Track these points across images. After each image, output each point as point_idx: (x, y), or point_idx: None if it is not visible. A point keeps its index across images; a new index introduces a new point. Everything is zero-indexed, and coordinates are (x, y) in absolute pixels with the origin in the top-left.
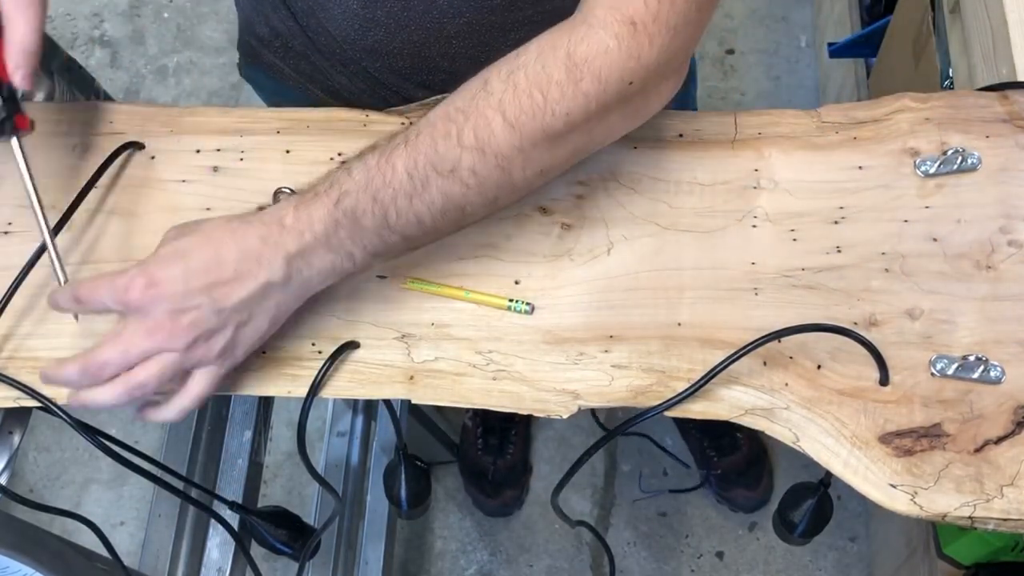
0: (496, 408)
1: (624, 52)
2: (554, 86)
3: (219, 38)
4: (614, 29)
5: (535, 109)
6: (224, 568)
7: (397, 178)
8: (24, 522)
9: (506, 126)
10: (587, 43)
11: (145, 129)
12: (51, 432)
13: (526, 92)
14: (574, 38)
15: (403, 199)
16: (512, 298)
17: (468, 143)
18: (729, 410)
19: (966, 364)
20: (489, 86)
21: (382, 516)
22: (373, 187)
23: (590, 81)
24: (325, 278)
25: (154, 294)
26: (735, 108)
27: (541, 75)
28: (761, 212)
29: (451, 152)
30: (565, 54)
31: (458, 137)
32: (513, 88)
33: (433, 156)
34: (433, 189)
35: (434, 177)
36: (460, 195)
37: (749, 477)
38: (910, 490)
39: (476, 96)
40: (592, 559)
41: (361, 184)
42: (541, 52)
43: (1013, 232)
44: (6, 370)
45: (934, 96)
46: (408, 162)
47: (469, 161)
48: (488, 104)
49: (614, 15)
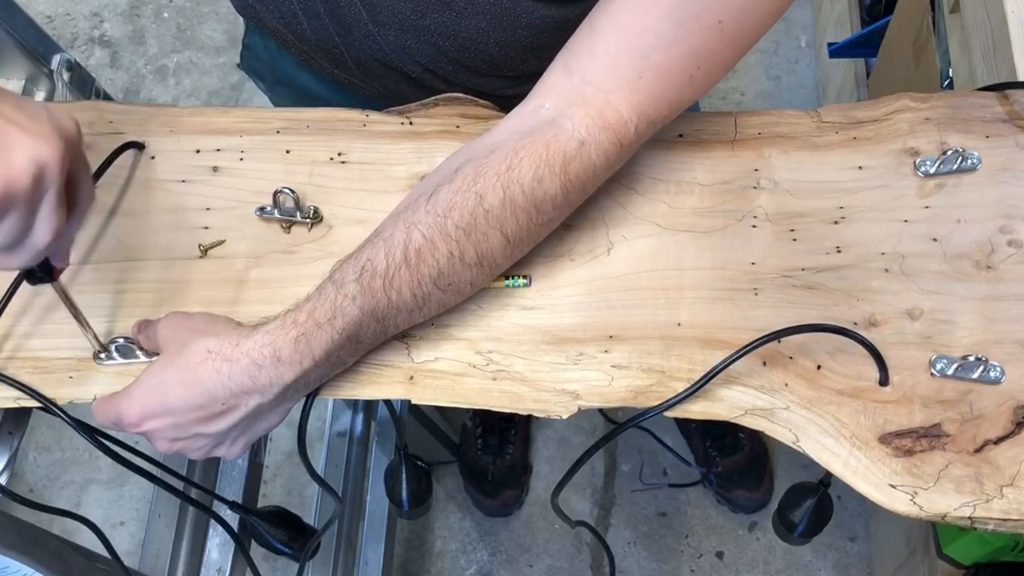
0: (496, 408)
1: (607, 167)
2: (547, 201)
3: (219, 38)
4: (604, 148)
5: (530, 223)
6: (224, 568)
7: (403, 300)
8: (24, 522)
9: (504, 242)
10: (579, 161)
11: (145, 129)
12: (51, 432)
13: (523, 209)
14: (568, 155)
15: (404, 315)
16: (509, 275)
17: (470, 260)
18: (729, 410)
19: (966, 364)
20: (486, 202)
21: (382, 516)
22: (379, 311)
23: (576, 193)
24: (316, 383)
25: (148, 429)
26: (735, 108)
27: (537, 191)
28: (761, 212)
29: (454, 269)
30: (561, 171)
31: (461, 257)
32: (511, 206)
33: (436, 275)
34: (433, 302)
35: (435, 293)
36: (454, 302)
37: (751, 478)
38: (910, 490)
39: (475, 214)
40: (592, 559)
41: (367, 309)
42: (536, 167)
43: (1013, 232)
44: (6, 370)
45: (934, 96)
46: (413, 283)
47: (469, 276)
48: (488, 223)
49: (607, 136)
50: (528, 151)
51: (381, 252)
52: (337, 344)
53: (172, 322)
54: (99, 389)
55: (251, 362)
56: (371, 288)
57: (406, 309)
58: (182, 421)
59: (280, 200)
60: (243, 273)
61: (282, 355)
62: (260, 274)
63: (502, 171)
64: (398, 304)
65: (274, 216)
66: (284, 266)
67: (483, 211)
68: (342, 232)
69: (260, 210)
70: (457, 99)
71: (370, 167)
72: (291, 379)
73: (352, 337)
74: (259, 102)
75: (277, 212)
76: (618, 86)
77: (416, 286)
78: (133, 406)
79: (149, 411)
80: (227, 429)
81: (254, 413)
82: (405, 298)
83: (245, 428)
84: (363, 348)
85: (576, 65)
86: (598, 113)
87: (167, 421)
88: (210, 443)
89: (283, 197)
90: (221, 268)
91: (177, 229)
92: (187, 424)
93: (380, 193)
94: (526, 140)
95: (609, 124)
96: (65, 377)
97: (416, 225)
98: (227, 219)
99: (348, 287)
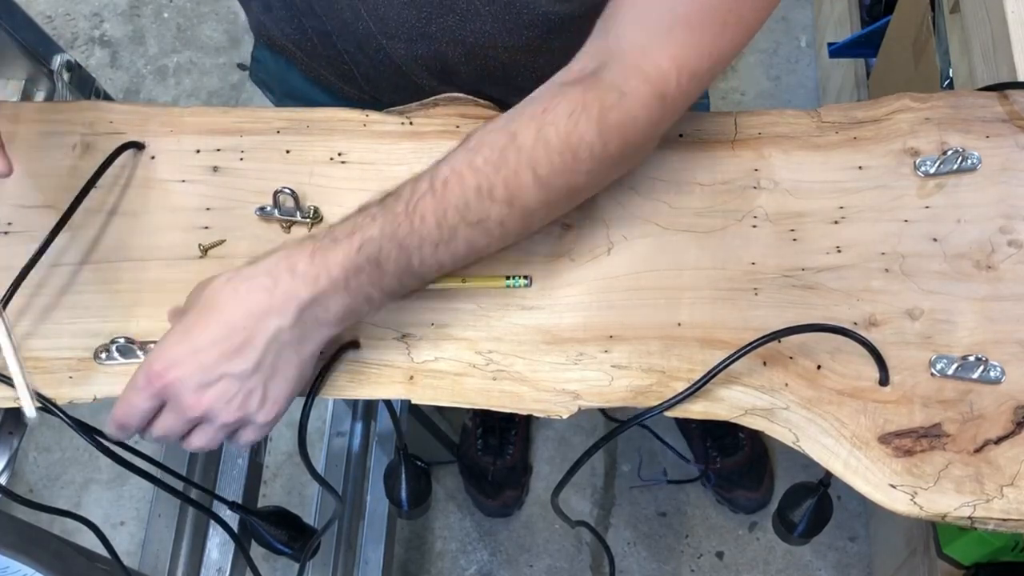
0: (496, 408)
1: (649, 121)
2: (584, 147)
3: (219, 38)
4: (645, 101)
5: (564, 167)
6: (224, 568)
7: (426, 227)
8: (24, 522)
9: (536, 183)
10: (618, 111)
11: (145, 129)
12: (51, 432)
13: (557, 150)
14: (606, 104)
15: (429, 247)
16: (509, 275)
17: (499, 196)
18: (729, 410)
19: (966, 364)
20: (519, 140)
21: (382, 516)
22: (400, 234)
23: (616, 144)
24: (342, 320)
25: (173, 378)
26: (735, 108)
27: (572, 135)
28: (761, 212)
29: (482, 204)
30: (598, 117)
31: (489, 191)
32: (544, 146)
33: (463, 208)
34: (460, 238)
35: (463, 227)
36: (483, 244)
37: (750, 478)
38: (910, 490)
39: (506, 150)
40: (592, 559)
41: (387, 231)
42: (572, 112)
43: (1013, 232)
44: (6, 370)
45: (934, 96)
46: (438, 211)
47: (498, 214)
48: (519, 160)
49: (647, 88)
50: (566, 96)
51: (408, 184)
52: (355, 264)
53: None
54: (99, 389)
55: (267, 275)
56: (393, 210)
57: (431, 240)
58: (206, 360)
59: (280, 200)
60: None
61: (297, 268)
62: None
63: (538, 113)
64: (421, 231)
65: (274, 216)
66: None
67: (515, 147)
68: None
69: (260, 210)
70: (457, 99)
71: (370, 167)
72: (306, 296)
73: (371, 259)
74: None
75: (277, 212)
76: (651, 39)
77: (441, 215)
78: (157, 356)
79: (174, 355)
80: (253, 367)
81: (275, 343)
82: (429, 226)
83: (272, 371)
84: (388, 283)
85: (611, 27)
86: (635, 66)
87: (193, 364)
88: (239, 391)
89: (283, 197)
90: (221, 268)
91: (177, 229)
92: (212, 364)
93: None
94: (565, 88)
95: (649, 77)
96: (65, 377)
97: (446, 161)
98: (227, 219)
99: (371, 209)
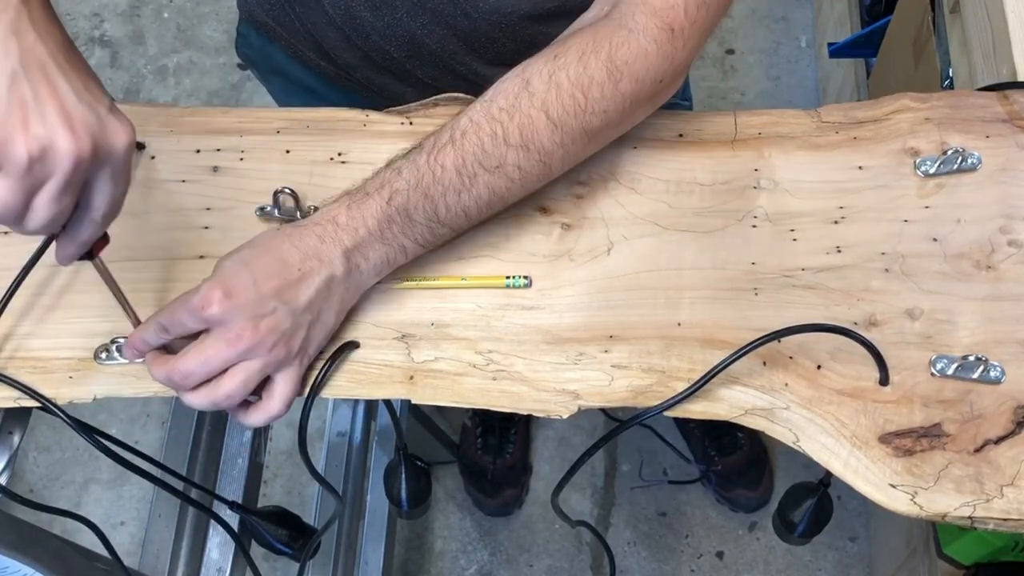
0: (496, 408)
1: (661, 55)
2: (595, 87)
3: (219, 38)
4: (653, 34)
5: (576, 108)
6: (224, 568)
7: (447, 176)
8: (24, 522)
9: (549, 125)
10: (627, 47)
11: (145, 129)
12: (51, 432)
13: (568, 93)
14: (615, 41)
15: (452, 195)
16: (509, 275)
17: (514, 141)
18: (729, 410)
19: (966, 364)
20: (531, 86)
21: (382, 516)
22: (424, 184)
23: (628, 82)
24: (380, 270)
25: (231, 305)
26: (735, 108)
27: (583, 76)
28: (761, 212)
29: (498, 150)
30: (607, 56)
31: (504, 136)
32: (556, 88)
33: (481, 154)
34: (481, 184)
35: (482, 173)
36: (505, 189)
37: (750, 477)
38: (910, 490)
39: (519, 96)
40: (592, 559)
41: (412, 182)
42: (582, 54)
43: (1013, 232)
44: (6, 370)
45: (934, 96)
46: (457, 160)
47: (515, 158)
48: (532, 104)
49: (655, 22)
50: (576, 40)
51: (431, 137)
52: (387, 215)
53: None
54: (99, 389)
55: (316, 225)
56: (416, 163)
57: (453, 188)
58: (264, 290)
59: (280, 200)
60: None
61: (339, 220)
62: None
63: (550, 59)
64: (443, 180)
65: (274, 216)
66: None
67: (528, 94)
68: None
69: (260, 210)
70: (457, 99)
71: (370, 167)
72: (350, 243)
73: (401, 210)
74: (259, 102)
75: (277, 212)
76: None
77: (461, 164)
78: (216, 283)
79: (233, 283)
80: (305, 305)
81: (326, 289)
82: (450, 174)
83: (317, 313)
84: (419, 232)
85: None
86: (643, 1)
87: (251, 294)
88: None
89: (283, 197)
90: None
91: (177, 229)
92: (268, 294)
93: None
94: (577, 33)
95: (656, 10)
96: (65, 377)
97: (464, 113)
98: (227, 219)
99: (396, 163)
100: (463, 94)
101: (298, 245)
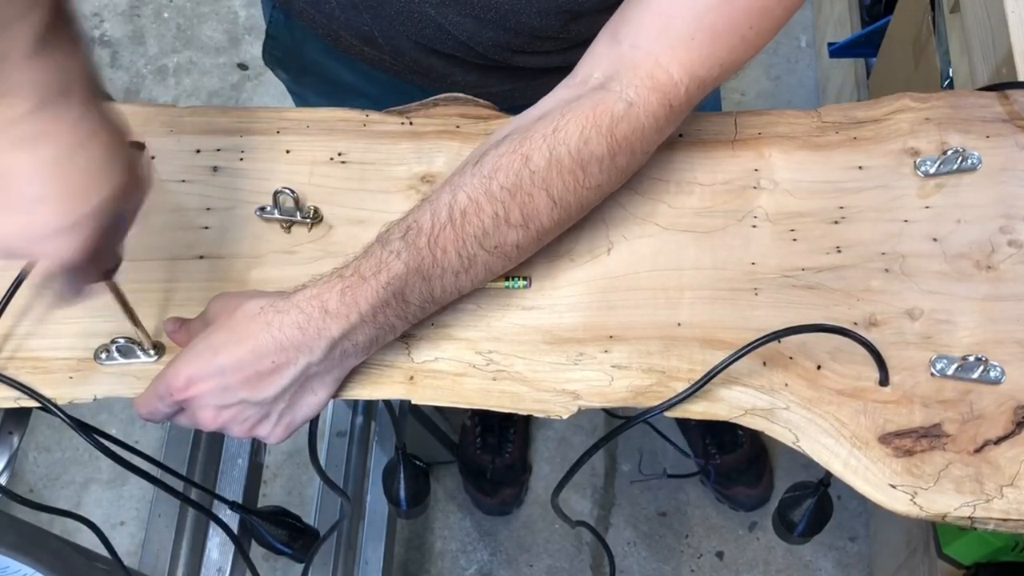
0: (496, 408)
1: (655, 130)
2: (594, 162)
3: (219, 38)
4: (653, 110)
5: (576, 185)
6: (224, 568)
7: (448, 259)
8: (24, 522)
9: (550, 203)
10: (627, 122)
11: (145, 129)
12: (51, 432)
13: (569, 169)
14: (615, 116)
15: (450, 276)
16: (509, 275)
17: (515, 222)
18: (729, 410)
19: (966, 364)
20: (532, 163)
21: (382, 516)
22: (424, 268)
23: (624, 156)
24: (367, 349)
25: (195, 393)
26: (735, 108)
27: (583, 152)
28: (761, 212)
29: (499, 231)
30: (608, 131)
31: (506, 218)
32: (558, 166)
33: (481, 236)
34: (479, 264)
35: (481, 254)
36: (500, 267)
37: (750, 475)
38: (910, 490)
39: (520, 174)
40: (592, 559)
41: (412, 266)
42: (583, 128)
43: (1013, 232)
44: (6, 370)
45: (934, 96)
46: (458, 243)
47: (514, 238)
48: (533, 183)
49: (656, 97)
50: (575, 113)
51: (427, 213)
52: (382, 299)
53: (222, 297)
54: (99, 389)
55: (299, 311)
56: (416, 245)
57: (452, 270)
58: (230, 382)
59: (280, 200)
60: (243, 273)
61: (329, 307)
62: (260, 274)
63: (548, 133)
64: (443, 263)
65: (274, 216)
66: (284, 266)
67: (528, 172)
68: (342, 232)
69: (260, 210)
70: (457, 99)
71: (370, 167)
72: (338, 333)
73: (398, 294)
74: (259, 102)
75: (277, 212)
76: (670, 47)
77: (461, 246)
78: (181, 369)
79: (197, 373)
80: (275, 396)
81: (302, 376)
82: (450, 257)
83: (292, 400)
84: (411, 312)
85: (625, 32)
86: (647, 74)
87: (215, 383)
88: (255, 414)
89: (283, 197)
90: (221, 268)
91: (177, 229)
92: (235, 386)
93: (380, 193)
94: (573, 105)
95: (659, 85)
96: (65, 377)
97: (462, 187)
98: (227, 219)
99: (393, 244)
100: (462, 94)
101: (276, 336)
